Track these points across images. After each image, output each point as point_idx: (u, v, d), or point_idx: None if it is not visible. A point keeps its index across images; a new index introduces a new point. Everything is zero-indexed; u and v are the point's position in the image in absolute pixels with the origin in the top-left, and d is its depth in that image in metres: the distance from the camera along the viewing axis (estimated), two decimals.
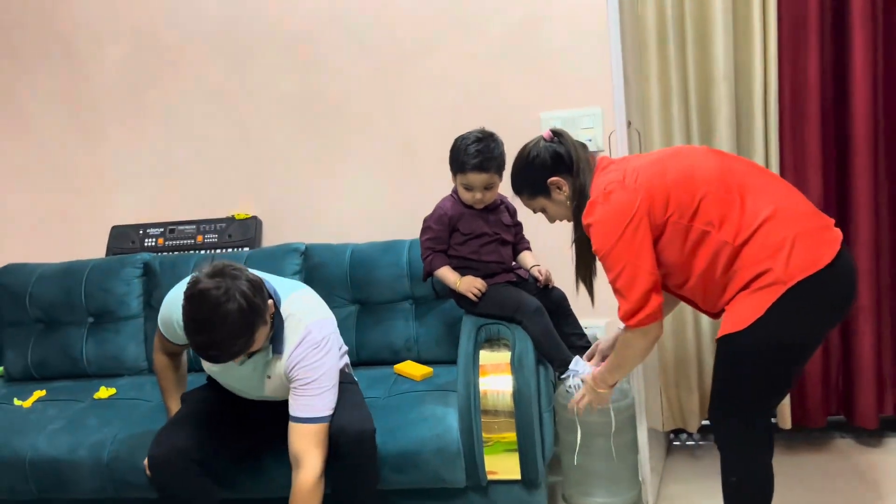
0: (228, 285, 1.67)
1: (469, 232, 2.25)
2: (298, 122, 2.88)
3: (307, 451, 1.81)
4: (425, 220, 2.32)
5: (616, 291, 1.71)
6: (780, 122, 2.38)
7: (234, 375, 1.98)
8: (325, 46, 2.81)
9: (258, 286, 1.74)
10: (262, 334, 1.77)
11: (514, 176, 1.90)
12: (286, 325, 1.86)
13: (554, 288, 2.33)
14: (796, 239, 1.59)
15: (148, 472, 1.93)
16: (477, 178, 2.15)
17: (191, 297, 1.68)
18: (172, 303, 1.92)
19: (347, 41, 2.79)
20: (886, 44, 2.35)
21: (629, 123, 2.17)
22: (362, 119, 2.83)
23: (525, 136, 1.94)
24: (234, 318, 1.66)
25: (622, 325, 1.78)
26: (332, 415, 1.86)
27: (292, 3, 2.80)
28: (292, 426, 1.84)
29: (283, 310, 1.87)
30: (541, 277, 2.29)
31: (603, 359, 2.04)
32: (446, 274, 2.26)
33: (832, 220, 1.70)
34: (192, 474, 1.89)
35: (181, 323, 1.76)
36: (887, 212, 2.43)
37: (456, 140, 2.20)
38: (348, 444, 1.85)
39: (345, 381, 2.00)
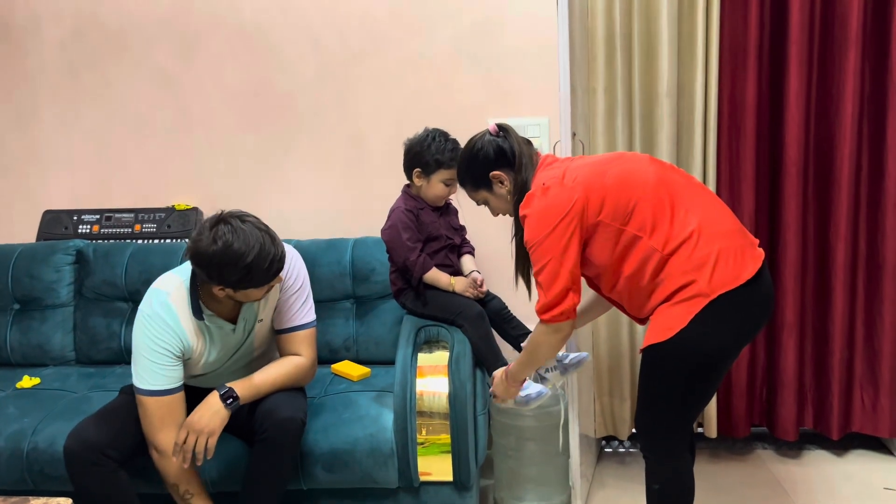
0: (235, 217, 1.78)
1: (426, 234, 2.27)
2: (244, 113, 2.83)
3: (303, 351, 2.01)
4: (389, 228, 2.26)
5: (538, 284, 1.74)
6: (718, 140, 2.46)
7: (225, 352, 1.97)
8: (276, 38, 2.77)
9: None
10: None
11: (459, 167, 1.93)
12: None
13: (492, 296, 2.36)
14: (720, 254, 1.65)
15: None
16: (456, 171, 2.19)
17: (226, 249, 1.72)
18: (155, 316, 1.86)
19: (298, 35, 2.76)
20: (820, 72, 2.45)
21: (574, 134, 2.21)
22: (309, 115, 2.80)
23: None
24: (277, 238, 1.83)
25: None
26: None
27: None
28: (286, 337, 2.01)
29: None
30: (477, 290, 2.28)
31: None
32: (439, 276, 2.25)
33: (756, 240, 1.77)
34: (106, 469, 1.83)
35: (173, 324, 1.84)
36: (814, 233, 2.53)
37: (418, 142, 2.24)
38: (275, 429, 1.86)
39: None
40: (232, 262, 1.72)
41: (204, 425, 1.80)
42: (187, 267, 1.89)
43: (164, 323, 1.84)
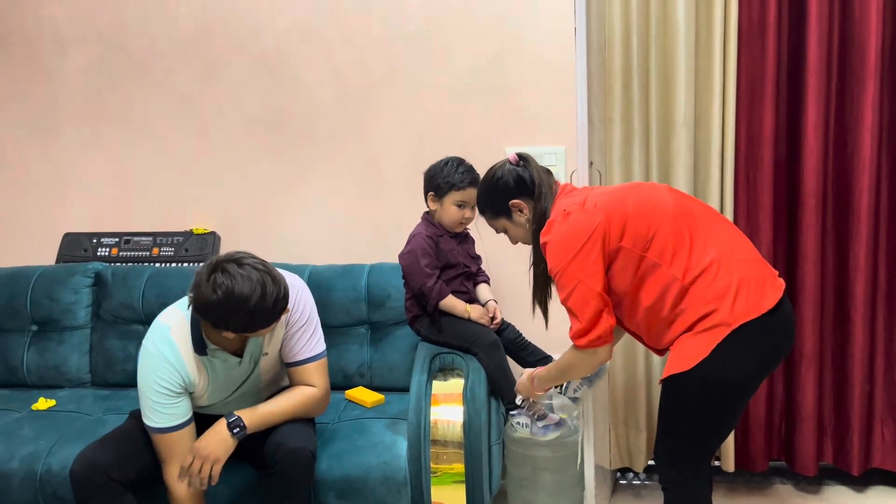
0: (233, 261, 1.73)
1: (444, 261, 2.27)
2: (263, 138, 2.86)
3: (315, 381, 1.99)
4: (408, 253, 2.26)
5: (568, 311, 1.73)
6: (735, 170, 2.46)
7: (230, 384, 1.95)
8: (296, 66, 2.81)
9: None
10: None
11: (479, 195, 1.96)
12: None
13: (506, 325, 2.35)
14: (740, 284, 1.65)
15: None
16: (473, 193, 2.20)
17: (227, 294, 1.68)
18: (157, 360, 1.85)
19: (318, 62, 2.80)
20: (838, 104, 2.45)
21: (591, 164, 2.21)
22: (328, 141, 2.82)
23: (488, 168, 1.97)
24: (277, 274, 1.78)
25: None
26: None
27: (265, 20, 2.80)
28: (297, 369, 1.99)
29: None
30: (492, 320, 2.29)
31: None
32: (454, 303, 2.24)
33: (776, 272, 1.76)
34: (112, 492, 1.84)
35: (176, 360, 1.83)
36: (832, 264, 2.50)
37: (434, 167, 2.28)
38: (285, 460, 1.85)
39: None
40: (235, 309, 1.70)
41: (209, 452, 1.81)
42: None
43: (165, 360, 1.84)
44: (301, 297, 1.99)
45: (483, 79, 2.71)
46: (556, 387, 2.06)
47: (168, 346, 1.85)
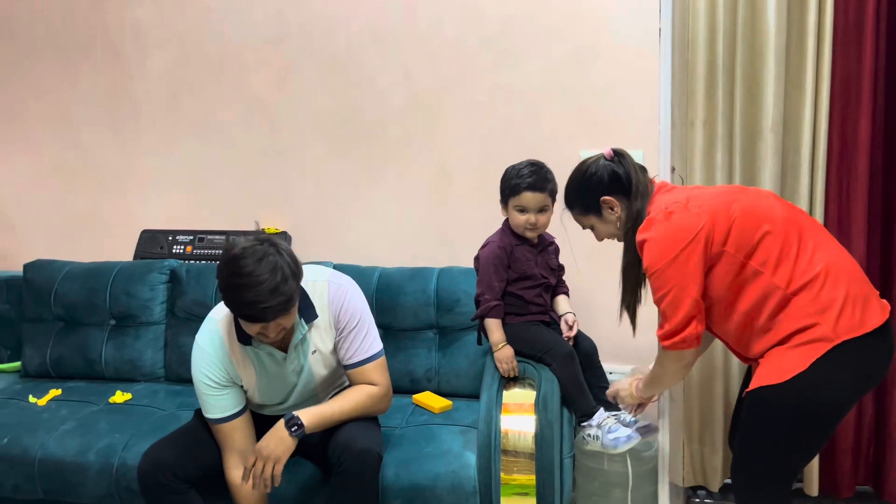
0: (273, 245, 1.71)
1: (520, 272, 2.21)
2: (335, 140, 2.87)
3: (376, 379, 1.95)
4: (481, 258, 2.23)
5: (660, 311, 1.70)
6: (826, 179, 2.32)
7: (281, 382, 1.96)
8: (368, 68, 2.81)
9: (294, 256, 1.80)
10: (295, 304, 1.78)
11: (568, 189, 1.88)
12: (308, 291, 1.91)
13: (585, 338, 2.28)
14: (847, 299, 1.58)
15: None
16: (532, 197, 2.12)
17: (233, 256, 1.67)
18: (203, 353, 1.90)
19: (390, 64, 2.79)
20: None
21: (673, 169, 2.13)
22: (399, 143, 2.81)
23: (563, 171, 1.93)
24: (282, 268, 1.68)
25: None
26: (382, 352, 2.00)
27: (338, 23, 2.81)
28: (356, 371, 1.96)
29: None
30: (568, 332, 2.23)
31: None
32: (493, 329, 2.18)
33: (877, 291, 1.68)
34: (175, 488, 1.87)
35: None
36: None
37: (507, 169, 2.20)
38: (351, 461, 1.83)
39: None
40: (231, 274, 1.67)
41: (270, 452, 1.81)
42: None
43: (207, 354, 1.88)
44: (350, 300, 1.96)
45: (558, 80, 2.65)
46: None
47: (214, 338, 1.90)
